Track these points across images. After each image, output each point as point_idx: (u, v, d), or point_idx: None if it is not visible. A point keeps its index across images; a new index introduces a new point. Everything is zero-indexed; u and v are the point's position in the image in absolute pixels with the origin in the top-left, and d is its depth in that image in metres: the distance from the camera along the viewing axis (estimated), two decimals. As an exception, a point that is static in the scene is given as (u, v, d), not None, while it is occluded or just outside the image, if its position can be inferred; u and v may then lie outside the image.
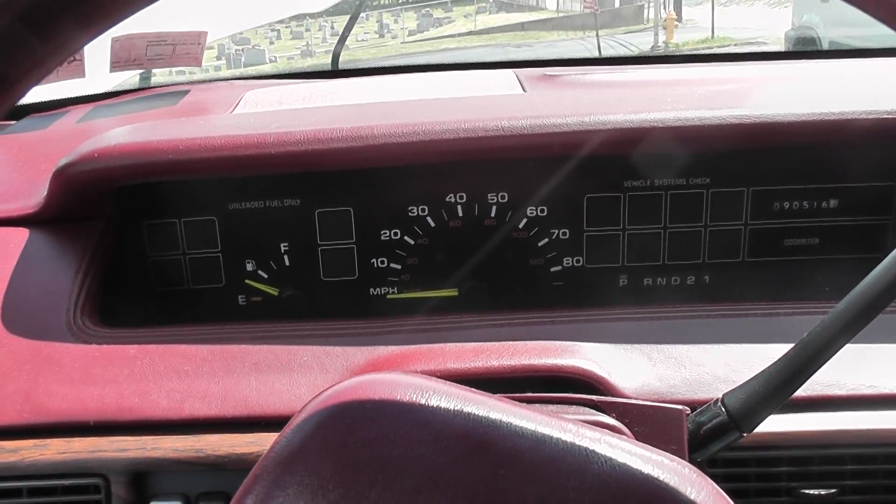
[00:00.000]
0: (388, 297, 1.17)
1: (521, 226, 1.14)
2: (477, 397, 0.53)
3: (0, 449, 0.84)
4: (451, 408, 0.52)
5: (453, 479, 0.50)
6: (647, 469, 0.50)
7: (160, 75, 2.02)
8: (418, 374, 0.56)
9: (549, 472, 0.50)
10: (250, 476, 0.54)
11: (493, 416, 0.52)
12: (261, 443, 0.83)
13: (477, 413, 0.52)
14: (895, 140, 1.06)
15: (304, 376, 0.89)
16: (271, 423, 0.85)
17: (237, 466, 0.82)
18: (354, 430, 0.53)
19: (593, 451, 0.50)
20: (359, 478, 0.51)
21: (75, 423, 0.86)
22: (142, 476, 0.84)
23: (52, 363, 0.92)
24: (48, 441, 0.84)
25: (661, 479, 0.49)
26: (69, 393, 0.88)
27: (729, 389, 0.72)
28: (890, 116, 1.02)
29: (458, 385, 0.56)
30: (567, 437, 0.51)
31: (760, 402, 0.69)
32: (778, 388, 0.68)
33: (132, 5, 0.41)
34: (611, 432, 0.53)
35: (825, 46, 6.90)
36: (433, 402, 0.53)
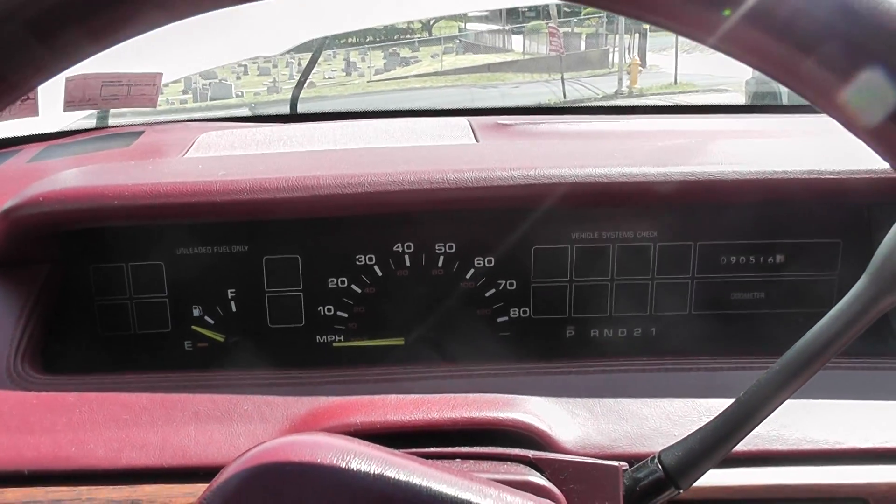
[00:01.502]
0: (335, 345, 1.16)
1: (468, 276, 1.14)
2: (399, 460, 0.53)
3: (-70, 499, 0.82)
4: (372, 471, 0.52)
5: (372, 545, 0.50)
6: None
7: (118, 114, 2.00)
8: (341, 436, 0.56)
9: (469, 537, 0.50)
10: None
11: (414, 480, 0.51)
12: (197, 493, 0.80)
13: (397, 477, 0.51)
14: (839, 199, 1.08)
15: (243, 426, 0.88)
16: (209, 473, 0.82)
17: (173, 518, 0.81)
18: (275, 493, 0.52)
19: (513, 518, 0.50)
20: (277, 543, 0.51)
21: (9, 473, 0.83)
22: None
23: None
24: None
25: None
26: (4, 441, 0.86)
27: (669, 443, 0.72)
28: (831, 177, 1.03)
29: (382, 447, 0.55)
30: (487, 502, 0.51)
31: (697, 458, 0.69)
32: (714, 446, 0.68)
33: (141, 24, 0.41)
34: (537, 498, 0.53)
35: (784, 95, 7.02)
36: (354, 465, 0.52)
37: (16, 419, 0.89)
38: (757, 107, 2.32)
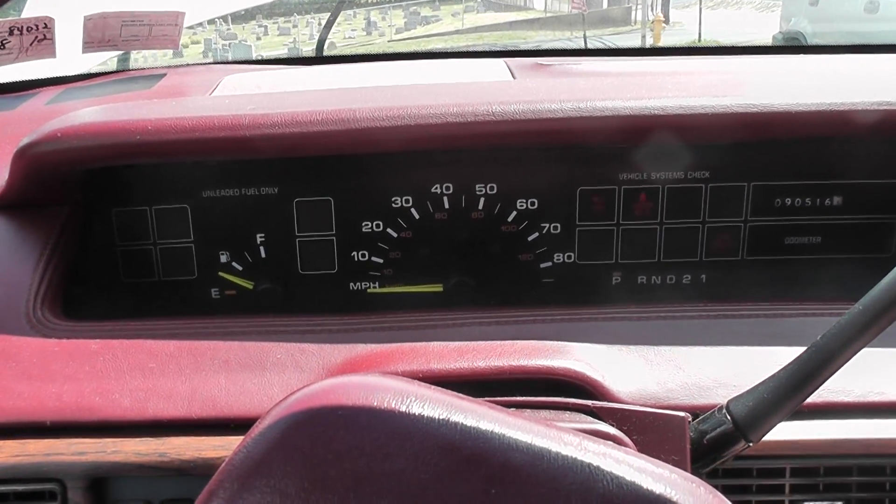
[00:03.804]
0: (369, 291, 1.11)
1: (510, 219, 1.09)
2: (466, 404, 0.47)
3: (-50, 450, 0.78)
4: (437, 416, 0.46)
5: (438, 497, 0.44)
6: (658, 489, 0.44)
7: (141, 60, 1.96)
8: (398, 377, 0.50)
9: (548, 490, 0.44)
10: (205, 492, 0.48)
11: (485, 426, 0.46)
12: (229, 447, 0.78)
13: (466, 423, 0.46)
14: None
15: (277, 375, 0.84)
16: (241, 425, 0.80)
17: (203, 472, 0.76)
18: (324, 440, 0.46)
19: (598, 468, 0.44)
20: (328, 496, 0.45)
21: (31, 424, 0.80)
22: (101, 481, 0.78)
23: (8, 357, 0.86)
24: (1, 443, 0.78)
25: (675, 500, 0.44)
26: (25, 390, 0.82)
27: (731, 395, 0.68)
28: None
29: (444, 390, 0.50)
30: (568, 451, 0.45)
31: (769, 409, 0.64)
32: (788, 395, 0.63)
33: None
34: (615, 445, 0.47)
35: (808, 39, 6.95)
36: (415, 410, 0.46)
37: (36, 367, 0.85)
38: (790, 47, 2.28)
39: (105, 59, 1.89)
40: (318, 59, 1.86)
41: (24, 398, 0.81)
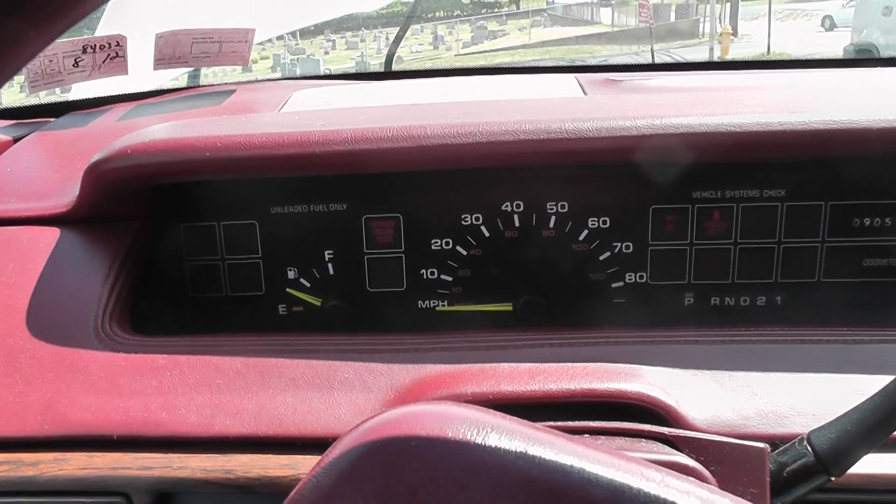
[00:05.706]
0: (438, 309, 1.10)
1: (581, 238, 1.07)
2: (544, 436, 0.46)
3: (19, 462, 0.78)
4: (513, 448, 0.44)
5: (514, 533, 0.43)
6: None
7: (211, 76, 1.98)
8: (473, 406, 0.49)
9: (629, 528, 0.42)
10: None
11: (564, 459, 0.44)
12: (295, 466, 0.77)
13: (544, 456, 0.44)
14: None
15: (344, 395, 0.83)
16: (307, 444, 0.79)
17: (269, 490, 0.76)
18: (397, 471, 0.45)
19: (681, 506, 0.42)
20: (401, 529, 0.44)
21: (98, 437, 0.80)
22: (166, 496, 0.78)
23: (77, 371, 0.86)
24: (69, 455, 0.79)
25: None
26: (93, 404, 0.82)
27: (809, 423, 0.65)
28: None
29: (521, 420, 0.48)
30: (650, 488, 0.43)
31: (852, 443, 0.62)
32: (873, 429, 0.61)
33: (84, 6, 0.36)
34: (698, 482, 0.45)
35: (880, 50, 6.83)
36: (492, 441, 0.45)
37: (104, 381, 0.85)
38: (861, 60, 2.22)
39: (176, 76, 1.91)
40: (387, 73, 1.86)
41: (92, 412, 0.82)
